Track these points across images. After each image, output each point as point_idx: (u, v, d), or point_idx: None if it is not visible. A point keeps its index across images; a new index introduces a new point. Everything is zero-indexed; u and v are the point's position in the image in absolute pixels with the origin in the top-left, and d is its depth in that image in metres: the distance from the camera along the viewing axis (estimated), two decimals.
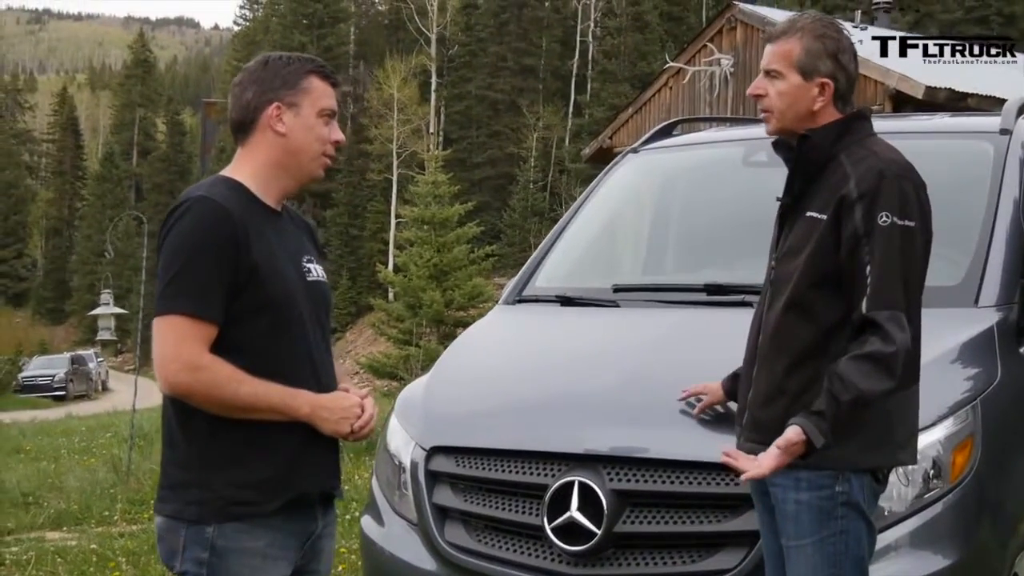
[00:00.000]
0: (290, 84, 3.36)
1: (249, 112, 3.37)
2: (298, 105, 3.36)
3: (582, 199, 6.06)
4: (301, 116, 3.36)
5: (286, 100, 3.35)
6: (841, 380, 3.23)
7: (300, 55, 3.47)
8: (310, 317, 3.34)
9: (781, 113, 3.53)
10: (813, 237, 3.40)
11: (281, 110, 3.35)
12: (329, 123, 3.42)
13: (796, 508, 3.42)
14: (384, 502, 4.78)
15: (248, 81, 3.39)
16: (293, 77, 3.37)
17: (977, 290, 4.48)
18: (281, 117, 3.35)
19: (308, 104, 3.37)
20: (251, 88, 3.37)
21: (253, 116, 3.37)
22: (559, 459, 4.16)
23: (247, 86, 3.38)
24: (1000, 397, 4.18)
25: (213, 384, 3.12)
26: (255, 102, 3.36)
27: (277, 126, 3.35)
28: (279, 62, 3.40)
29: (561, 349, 4.93)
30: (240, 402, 3.15)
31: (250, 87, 3.38)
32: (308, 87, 3.38)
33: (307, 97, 3.37)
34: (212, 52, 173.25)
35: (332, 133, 3.42)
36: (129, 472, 11.02)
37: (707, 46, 24.08)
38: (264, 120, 3.35)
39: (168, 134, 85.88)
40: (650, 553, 3.99)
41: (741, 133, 6.20)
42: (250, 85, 3.38)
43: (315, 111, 3.38)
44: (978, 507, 4.01)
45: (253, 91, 3.37)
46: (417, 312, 30.02)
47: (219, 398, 3.14)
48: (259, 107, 3.36)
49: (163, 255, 3.20)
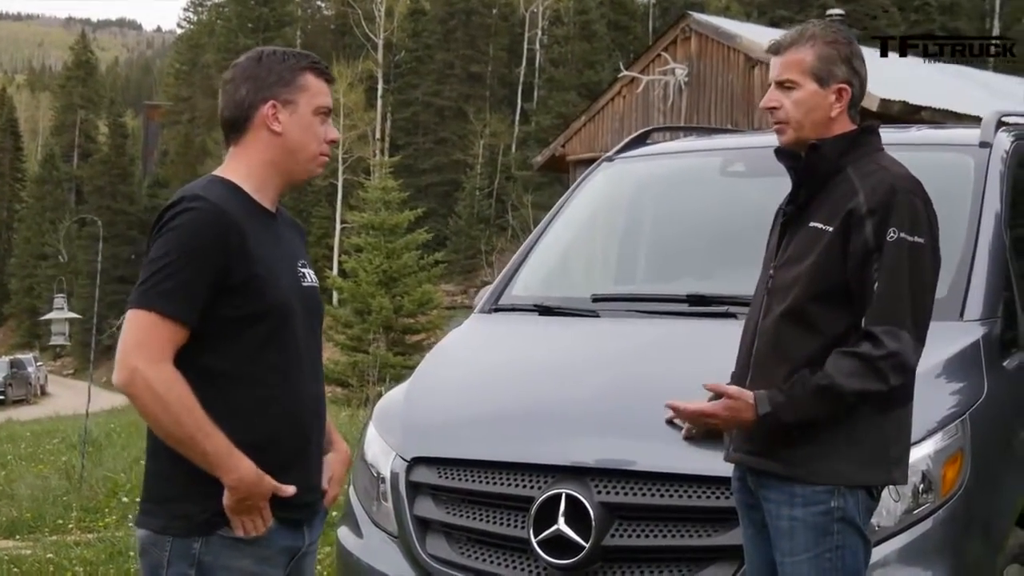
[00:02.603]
0: (286, 81, 3.25)
1: (243, 110, 3.24)
2: (294, 103, 3.25)
3: (557, 208, 6.00)
4: (298, 114, 3.25)
5: (282, 98, 3.24)
6: (820, 368, 3.25)
7: (295, 50, 3.35)
8: (304, 324, 3.26)
9: (799, 123, 3.48)
10: (817, 248, 3.38)
11: (277, 108, 3.23)
12: (325, 121, 3.31)
13: (791, 524, 3.40)
14: (362, 512, 4.70)
15: (241, 77, 3.26)
16: (289, 74, 3.25)
17: (962, 304, 4.48)
18: (277, 116, 3.23)
19: (305, 102, 3.26)
20: (245, 85, 3.25)
21: (247, 114, 3.24)
22: (545, 471, 4.11)
23: (240, 83, 3.26)
24: (988, 411, 4.19)
25: (160, 398, 3.00)
26: (249, 99, 3.23)
27: (273, 125, 3.23)
28: (274, 58, 3.28)
29: (543, 359, 4.87)
30: (178, 430, 3.02)
31: (244, 84, 3.25)
32: (305, 84, 3.27)
33: (304, 95, 3.26)
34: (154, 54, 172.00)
35: (328, 132, 3.32)
36: (82, 479, 10.85)
37: (661, 55, 24.15)
38: (259, 119, 3.24)
39: (110, 136, 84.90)
40: (639, 567, 3.95)
41: (718, 143, 6.18)
42: (244, 82, 3.25)
43: (311, 109, 3.27)
44: (968, 522, 4.01)
45: (247, 88, 3.24)
46: (366, 318, 29.91)
47: (160, 414, 3.02)
48: (254, 105, 3.23)
49: (151, 252, 3.10)
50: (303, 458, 3.26)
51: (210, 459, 3.04)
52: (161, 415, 3.02)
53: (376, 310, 29.48)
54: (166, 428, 3.04)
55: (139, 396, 3.02)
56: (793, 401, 3.25)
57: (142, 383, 3.01)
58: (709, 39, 23.40)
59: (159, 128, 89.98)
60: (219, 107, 3.31)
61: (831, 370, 3.25)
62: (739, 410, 3.29)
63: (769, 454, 3.41)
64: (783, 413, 3.26)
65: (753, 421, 3.30)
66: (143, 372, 3.00)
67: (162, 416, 3.02)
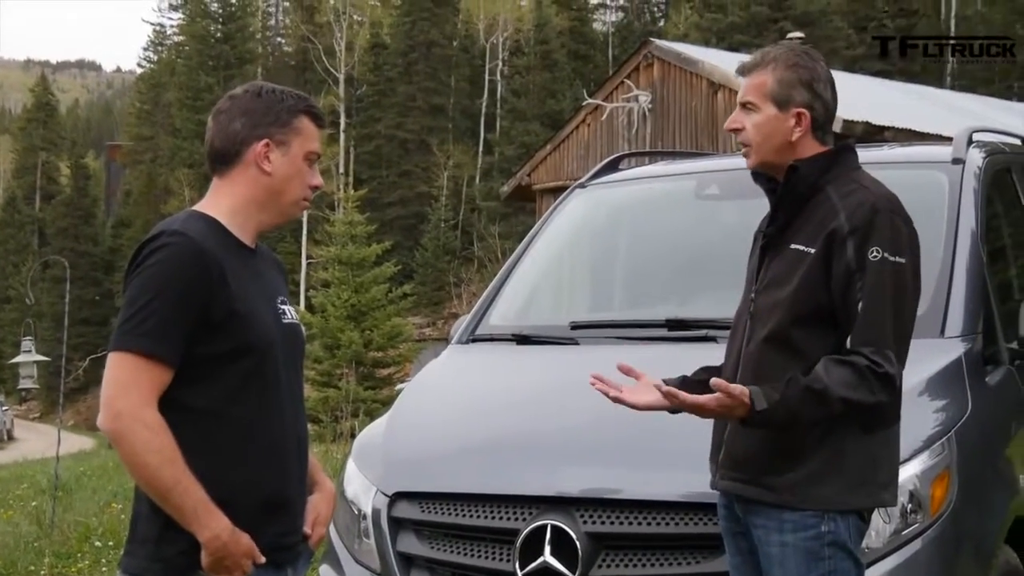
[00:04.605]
0: (283, 121, 3.20)
1: (235, 144, 3.19)
2: (287, 144, 3.20)
3: (531, 236, 5.97)
4: (289, 156, 3.20)
5: (276, 138, 3.19)
6: (814, 370, 3.21)
7: (294, 92, 3.30)
8: (285, 362, 3.20)
9: (759, 146, 3.46)
10: (799, 270, 3.35)
11: (270, 147, 3.18)
12: (312, 166, 3.27)
13: (781, 551, 3.35)
14: (343, 550, 4.62)
15: (237, 111, 3.21)
16: (286, 114, 3.21)
17: (943, 321, 4.48)
18: (269, 155, 3.18)
19: (297, 144, 3.21)
20: (240, 119, 3.20)
21: (239, 149, 3.19)
22: (530, 502, 4.06)
23: (235, 116, 3.21)
24: (973, 428, 4.18)
25: (143, 446, 2.95)
26: (243, 134, 3.18)
27: (264, 164, 3.18)
28: (272, 96, 3.23)
29: (523, 389, 4.82)
30: (157, 481, 2.97)
31: (239, 117, 3.20)
32: (300, 127, 3.22)
33: (297, 137, 3.22)
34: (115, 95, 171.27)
35: (313, 178, 3.28)
36: (53, 525, 10.71)
37: (624, 83, 24.25)
38: (251, 155, 3.18)
39: (72, 178, 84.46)
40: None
41: (691, 166, 6.17)
42: (239, 115, 3.20)
43: (303, 153, 3.23)
44: (957, 541, 3.99)
45: (242, 122, 3.19)
46: (335, 353, 29.78)
47: (141, 463, 2.97)
48: (247, 140, 3.18)
49: (129, 290, 3.05)
50: (284, 499, 3.20)
51: (185, 513, 2.99)
52: (142, 463, 2.98)
53: (345, 345, 29.37)
54: (145, 476, 3.00)
55: (122, 442, 2.98)
56: (784, 400, 3.20)
57: (126, 429, 2.97)
58: (671, 65, 23.51)
59: (121, 168, 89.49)
60: (208, 136, 3.26)
61: (822, 374, 3.21)
62: (732, 407, 3.22)
63: (757, 482, 3.37)
64: (774, 411, 3.21)
65: (745, 418, 3.24)
66: (127, 418, 2.97)
67: (143, 464, 2.98)
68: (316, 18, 70.53)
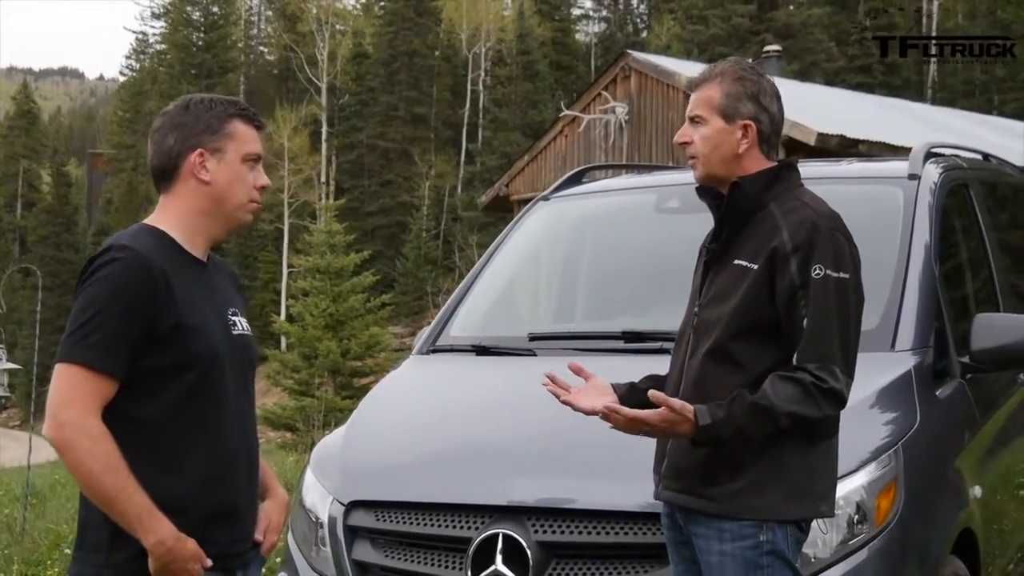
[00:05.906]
0: (213, 129, 3.24)
1: (171, 159, 3.23)
2: (222, 151, 3.24)
3: (493, 247, 6.01)
4: (225, 162, 3.24)
5: (210, 146, 3.22)
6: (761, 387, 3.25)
7: (223, 98, 3.34)
8: (234, 373, 3.24)
9: (706, 158, 3.52)
10: (742, 286, 3.39)
11: (204, 157, 3.22)
12: (254, 168, 3.30)
13: (720, 560, 3.39)
14: (301, 559, 4.65)
15: (169, 126, 3.26)
16: (216, 122, 3.24)
17: (893, 334, 4.52)
18: (205, 164, 3.22)
19: (233, 149, 3.25)
20: (172, 134, 3.24)
21: (175, 163, 3.23)
22: (482, 511, 4.10)
23: (168, 132, 3.25)
24: (920, 441, 4.22)
25: (86, 454, 2.99)
26: (177, 148, 3.22)
27: (201, 174, 3.22)
28: (201, 106, 3.27)
29: (480, 399, 4.87)
30: (101, 488, 3.01)
31: (171, 133, 3.24)
32: (232, 132, 3.26)
33: (231, 142, 3.25)
34: (97, 103, 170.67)
35: (257, 178, 3.31)
36: (24, 532, 10.69)
37: (602, 94, 24.25)
38: (187, 168, 3.22)
39: (53, 186, 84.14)
40: None
41: (653, 180, 6.22)
42: (171, 131, 3.24)
43: (240, 156, 3.26)
44: (903, 551, 4.03)
45: (175, 137, 3.23)
46: (313, 363, 29.72)
47: (85, 471, 3.01)
48: (181, 154, 3.22)
49: (77, 303, 3.09)
50: (233, 508, 3.23)
51: (130, 520, 3.02)
52: (86, 471, 3.01)
53: (323, 354, 29.30)
54: (90, 484, 3.03)
55: (66, 451, 3.01)
56: (729, 417, 3.24)
57: (70, 438, 3.01)
58: (648, 77, 23.53)
59: (103, 176, 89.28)
60: (148, 156, 3.30)
61: (769, 391, 3.25)
62: (676, 423, 3.26)
63: (697, 492, 3.42)
64: (720, 428, 3.25)
65: (690, 434, 3.28)
66: (71, 428, 3.00)
67: (87, 472, 3.01)
68: (298, 27, 70.48)
